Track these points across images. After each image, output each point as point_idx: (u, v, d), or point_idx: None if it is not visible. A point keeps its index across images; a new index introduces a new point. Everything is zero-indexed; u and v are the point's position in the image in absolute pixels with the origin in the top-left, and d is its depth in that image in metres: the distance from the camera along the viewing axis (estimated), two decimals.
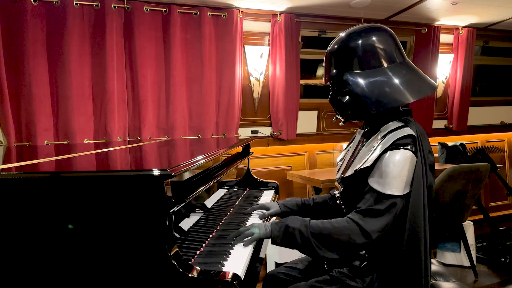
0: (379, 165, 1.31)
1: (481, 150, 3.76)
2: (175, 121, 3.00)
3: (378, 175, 1.30)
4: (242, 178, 2.29)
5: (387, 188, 1.28)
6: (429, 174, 1.34)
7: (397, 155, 1.29)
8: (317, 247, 1.29)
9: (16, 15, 2.54)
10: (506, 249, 3.47)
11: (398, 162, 1.29)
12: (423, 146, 1.33)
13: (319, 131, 3.73)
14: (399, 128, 1.35)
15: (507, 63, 4.67)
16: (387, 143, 1.32)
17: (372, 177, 1.32)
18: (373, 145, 1.38)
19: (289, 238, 1.32)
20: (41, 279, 1.06)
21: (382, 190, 1.28)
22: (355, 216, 1.30)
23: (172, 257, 1.00)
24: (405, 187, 1.29)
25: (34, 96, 2.60)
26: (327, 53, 1.48)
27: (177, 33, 2.96)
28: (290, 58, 3.32)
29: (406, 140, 1.31)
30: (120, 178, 1.07)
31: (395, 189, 1.28)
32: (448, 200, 2.92)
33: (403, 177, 1.28)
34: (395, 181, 1.28)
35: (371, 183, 1.32)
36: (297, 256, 2.35)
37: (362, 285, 1.38)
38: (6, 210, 1.07)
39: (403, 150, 1.29)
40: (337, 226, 1.30)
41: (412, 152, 1.30)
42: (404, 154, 1.29)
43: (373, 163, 1.32)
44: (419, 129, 1.37)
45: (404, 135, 1.32)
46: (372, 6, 3.36)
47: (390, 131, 1.36)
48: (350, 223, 1.29)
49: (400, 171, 1.28)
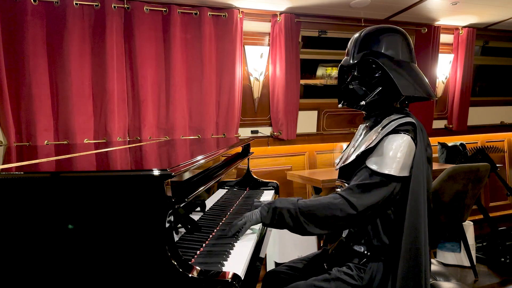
0: (378, 147, 1.36)
1: (481, 150, 3.76)
2: (175, 121, 3.00)
3: (376, 156, 1.35)
4: (242, 178, 2.29)
5: (384, 167, 1.32)
6: (427, 165, 1.37)
7: (395, 138, 1.35)
8: (305, 224, 1.31)
9: (16, 15, 2.54)
10: (506, 249, 3.47)
11: (396, 144, 1.33)
12: (423, 137, 1.37)
13: (319, 131, 3.73)
14: (400, 119, 1.41)
15: (507, 63, 4.67)
16: (388, 129, 1.38)
17: (369, 158, 1.36)
18: (375, 134, 1.42)
19: (278, 218, 1.34)
20: (41, 279, 1.06)
21: (379, 170, 1.32)
22: (344, 191, 1.34)
23: (172, 257, 1.00)
24: (401, 169, 1.32)
25: (34, 96, 2.60)
26: (361, 35, 1.50)
27: (177, 33, 2.96)
28: (290, 58, 3.32)
29: (407, 127, 1.36)
30: (120, 178, 1.07)
31: (390, 169, 1.31)
32: (448, 200, 2.92)
33: (400, 158, 1.32)
34: (391, 161, 1.31)
35: (368, 163, 1.36)
36: (297, 255, 2.35)
37: (361, 283, 1.39)
38: (6, 210, 1.07)
39: (403, 134, 1.34)
40: (324, 201, 1.33)
41: (412, 138, 1.34)
42: (403, 138, 1.34)
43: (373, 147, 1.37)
44: (418, 123, 1.41)
45: (405, 121, 1.38)
46: (372, 6, 3.36)
47: (392, 120, 1.41)
48: (338, 198, 1.32)
49: (397, 152, 1.32)
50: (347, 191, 1.33)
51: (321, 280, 1.42)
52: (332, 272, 1.43)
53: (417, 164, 1.32)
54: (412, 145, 1.34)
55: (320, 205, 1.32)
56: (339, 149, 3.77)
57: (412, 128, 1.37)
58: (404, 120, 1.39)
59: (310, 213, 1.31)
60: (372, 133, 1.45)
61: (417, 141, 1.34)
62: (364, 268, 1.40)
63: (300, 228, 1.33)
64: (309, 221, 1.31)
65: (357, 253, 1.43)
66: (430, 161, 1.42)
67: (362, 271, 1.40)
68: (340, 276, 1.40)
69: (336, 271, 1.43)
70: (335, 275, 1.41)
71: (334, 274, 1.42)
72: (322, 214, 1.31)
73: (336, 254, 1.55)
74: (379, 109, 1.49)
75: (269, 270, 1.70)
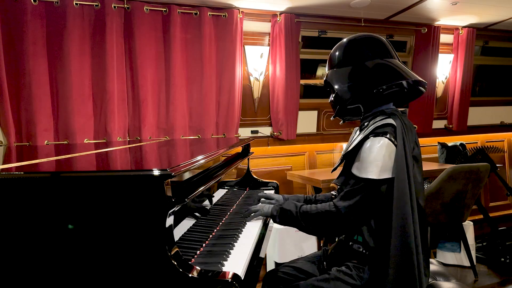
0: (359, 152, 1.40)
1: (481, 150, 3.76)
2: (175, 121, 3.01)
3: (357, 161, 1.40)
4: (242, 178, 2.29)
5: (363, 172, 1.36)
6: (413, 163, 1.39)
7: (374, 142, 1.37)
8: (304, 225, 1.47)
9: (16, 15, 2.54)
10: (506, 249, 3.47)
11: (374, 148, 1.36)
12: (408, 137, 1.39)
13: (319, 131, 3.73)
14: (380, 121, 1.43)
15: (507, 63, 4.67)
16: (365, 132, 1.42)
17: (354, 164, 1.42)
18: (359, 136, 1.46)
19: (284, 217, 1.52)
20: (42, 279, 1.06)
21: (359, 174, 1.37)
22: (336, 199, 1.43)
23: (172, 257, 1.00)
24: (381, 171, 1.34)
25: (34, 96, 2.60)
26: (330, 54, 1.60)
27: (177, 33, 2.96)
28: (290, 58, 3.32)
29: (385, 129, 1.38)
30: (120, 178, 1.07)
31: (370, 173, 1.35)
32: (448, 200, 2.92)
33: (378, 161, 1.34)
34: (371, 165, 1.35)
35: (352, 170, 1.41)
36: (297, 255, 2.35)
37: (360, 283, 1.39)
38: (6, 210, 1.07)
39: (381, 137, 1.37)
40: (320, 208, 1.44)
41: (390, 140, 1.36)
42: (381, 141, 1.36)
43: (356, 151, 1.42)
44: (405, 122, 1.43)
45: (384, 123, 1.40)
46: (372, 6, 3.36)
47: (374, 123, 1.43)
48: (330, 206, 1.41)
49: (375, 156, 1.35)
50: (338, 198, 1.42)
51: (320, 280, 1.43)
52: (331, 272, 1.44)
53: (399, 164, 1.33)
54: (390, 146, 1.35)
55: (316, 210, 1.44)
56: (339, 149, 3.77)
57: (392, 129, 1.38)
58: (383, 122, 1.40)
59: (308, 217, 1.45)
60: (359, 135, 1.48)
61: (397, 142, 1.35)
62: (363, 268, 1.41)
63: (301, 227, 1.49)
64: (307, 224, 1.46)
65: (356, 252, 1.43)
66: (418, 159, 1.43)
67: (361, 271, 1.40)
68: (339, 276, 1.41)
69: (335, 271, 1.43)
70: (335, 275, 1.42)
71: (333, 274, 1.42)
72: (317, 218, 1.43)
73: (336, 254, 1.55)
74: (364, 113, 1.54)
75: (269, 270, 1.70)
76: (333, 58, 1.55)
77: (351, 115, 1.59)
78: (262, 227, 1.60)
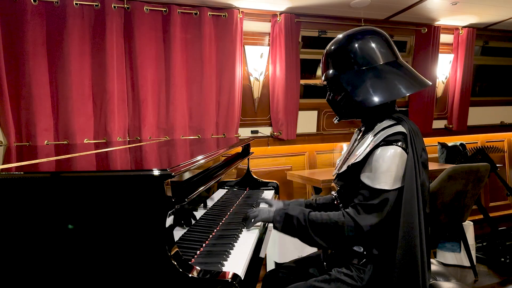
0: (370, 160, 1.36)
1: (481, 150, 3.76)
2: (175, 121, 3.00)
3: (369, 170, 1.35)
4: (242, 178, 2.29)
5: (376, 182, 1.32)
6: (421, 171, 1.36)
7: (386, 151, 1.33)
8: (313, 235, 1.37)
9: (16, 15, 2.54)
10: (506, 249, 3.47)
11: (387, 157, 1.33)
12: (416, 143, 1.36)
13: (319, 131, 3.73)
14: (391, 126, 1.39)
15: (507, 63, 4.67)
16: (378, 139, 1.37)
17: (363, 172, 1.37)
18: (366, 142, 1.42)
19: (288, 224, 1.41)
20: (42, 279, 1.06)
21: (372, 185, 1.33)
22: (350, 211, 1.35)
23: (172, 257, 1.00)
24: (394, 181, 1.32)
25: (34, 96, 2.60)
26: (323, 55, 1.55)
27: (177, 33, 2.96)
28: (290, 58, 3.32)
29: (397, 137, 1.35)
30: (120, 178, 1.07)
31: (384, 183, 1.31)
32: (448, 200, 2.92)
33: (392, 172, 1.32)
34: (384, 176, 1.32)
35: (362, 178, 1.36)
36: (297, 256, 2.35)
37: (361, 284, 1.39)
38: (6, 210, 1.07)
39: (393, 146, 1.33)
40: (333, 217, 1.36)
41: (402, 148, 1.33)
42: (394, 150, 1.33)
43: (365, 158, 1.37)
44: (412, 127, 1.40)
45: (395, 131, 1.36)
46: (372, 6, 3.36)
47: (383, 128, 1.40)
48: (346, 217, 1.34)
49: (389, 166, 1.32)
50: (353, 210, 1.35)
51: (320, 281, 1.42)
52: (332, 272, 1.44)
53: (410, 173, 1.31)
54: (403, 155, 1.33)
55: (329, 220, 1.36)
56: (339, 149, 3.77)
57: (403, 137, 1.35)
58: (394, 129, 1.37)
59: (319, 225, 1.37)
60: (365, 140, 1.45)
61: (408, 150, 1.33)
62: (363, 268, 1.40)
63: (307, 238, 1.39)
64: (316, 233, 1.37)
65: (356, 253, 1.43)
66: (426, 165, 1.41)
67: (361, 272, 1.40)
68: (339, 277, 1.41)
69: (335, 271, 1.43)
70: (335, 275, 1.42)
71: (333, 275, 1.42)
72: (330, 228, 1.35)
73: (336, 255, 1.55)
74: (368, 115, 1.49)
75: (269, 270, 1.70)
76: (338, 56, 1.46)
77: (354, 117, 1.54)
78: (262, 227, 1.60)
